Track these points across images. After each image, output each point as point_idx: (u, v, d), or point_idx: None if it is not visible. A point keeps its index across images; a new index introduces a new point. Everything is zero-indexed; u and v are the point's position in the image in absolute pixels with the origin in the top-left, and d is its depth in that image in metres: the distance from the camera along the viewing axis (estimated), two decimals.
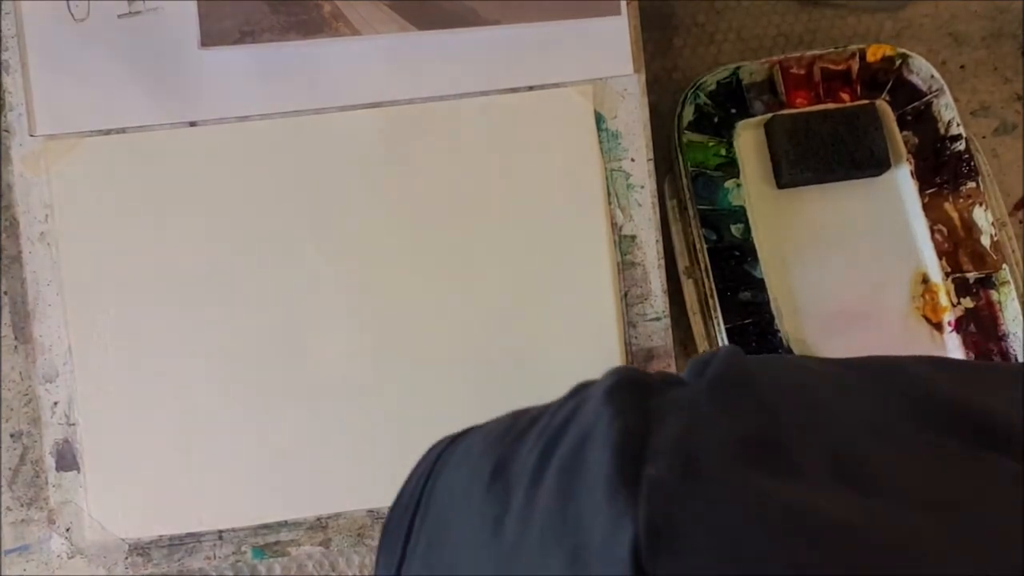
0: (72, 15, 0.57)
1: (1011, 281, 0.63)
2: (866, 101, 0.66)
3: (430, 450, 0.38)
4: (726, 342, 0.60)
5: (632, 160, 0.60)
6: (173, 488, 0.57)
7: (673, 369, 0.60)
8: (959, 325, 0.64)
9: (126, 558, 0.57)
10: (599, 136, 0.60)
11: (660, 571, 0.19)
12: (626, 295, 0.60)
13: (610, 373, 0.29)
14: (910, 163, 0.66)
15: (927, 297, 0.65)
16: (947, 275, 0.65)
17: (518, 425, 0.32)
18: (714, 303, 0.61)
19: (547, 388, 0.59)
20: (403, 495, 0.36)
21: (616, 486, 0.22)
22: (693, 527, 0.20)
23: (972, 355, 0.64)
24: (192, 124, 0.58)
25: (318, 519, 0.58)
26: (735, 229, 0.64)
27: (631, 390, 0.26)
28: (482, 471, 0.29)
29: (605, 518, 0.21)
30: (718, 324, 0.61)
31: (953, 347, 0.64)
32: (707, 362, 0.29)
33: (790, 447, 0.24)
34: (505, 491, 0.26)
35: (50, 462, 0.57)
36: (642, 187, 0.60)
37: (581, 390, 0.31)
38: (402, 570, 0.31)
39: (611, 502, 0.21)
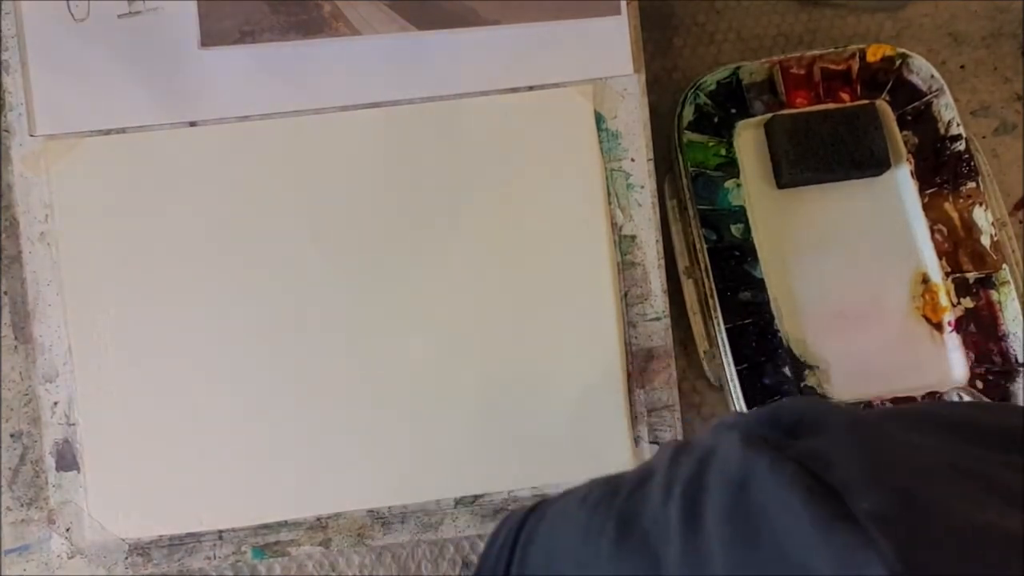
0: (72, 15, 0.57)
1: (1011, 281, 0.63)
2: (866, 101, 0.66)
3: (502, 523, 0.38)
4: (726, 342, 0.60)
5: (632, 160, 0.60)
6: (173, 488, 0.57)
7: (673, 370, 0.60)
8: (959, 325, 0.64)
9: (126, 558, 0.57)
10: (599, 136, 0.60)
11: None
12: (626, 295, 0.60)
13: (724, 426, 0.29)
14: (910, 163, 0.66)
15: (927, 297, 0.65)
16: (947, 275, 0.65)
17: (622, 486, 0.32)
18: (714, 303, 0.61)
19: (547, 387, 0.59)
20: (483, 569, 0.36)
21: (827, 522, 0.22)
22: (943, 556, 0.21)
23: (972, 355, 0.64)
24: (192, 124, 0.58)
25: (318, 519, 0.58)
26: (735, 229, 0.64)
27: (765, 439, 0.27)
28: (602, 529, 0.29)
29: (830, 557, 0.22)
30: (718, 324, 0.61)
31: (953, 347, 0.64)
32: (791, 417, 0.29)
33: (949, 474, 0.25)
34: (645, 545, 0.27)
35: (50, 462, 0.57)
36: (642, 187, 0.60)
37: (683, 449, 0.31)
38: None
39: (829, 540, 0.22)
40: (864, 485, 0.24)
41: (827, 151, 0.64)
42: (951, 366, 0.64)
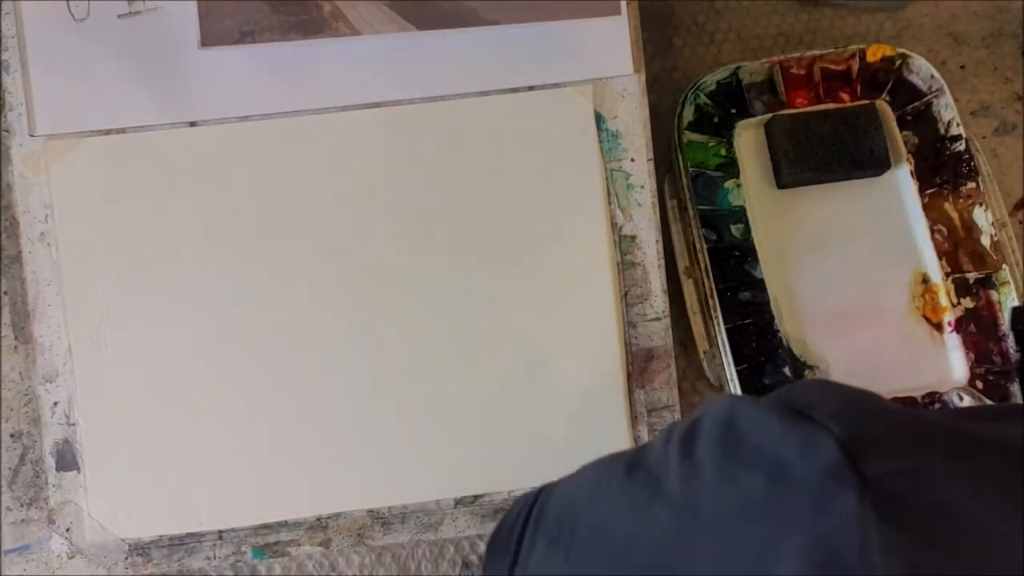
0: (72, 15, 0.57)
1: (1011, 281, 0.63)
2: (866, 101, 0.66)
3: (519, 499, 0.44)
4: (726, 342, 0.60)
5: (632, 160, 0.60)
6: (173, 488, 0.57)
7: (673, 370, 0.60)
8: (959, 325, 0.64)
9: (126, 558, 0.57)
10: (599, 136, 0.60)
11: (869, 455, 0.26)
12: (626, 295, 0.60)
13: (713, 399, 0.36)
14: (910, 163, 0.66)
15: (927, 297, 0.65)
16: (947, 275, 0.65)
17: (626, 452, 0.38)
18: (714, 303, 0.61)
19: (547, 387, 0.59)
20: (506, 521, 0.43)
21: (793, 421, 0.28)
22: (879, 427, 0.28)
23: (972, 355, 0.64)
24: (192, 124, 0.58)
25: (318, 519, 0.58)
26: (735, 229, 0.64)
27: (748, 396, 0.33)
28: (614, 473, 0.35)
29: (790, 442, 0.28)
30: (718, 324, 0.61)
31: (953, 347, 0.64)
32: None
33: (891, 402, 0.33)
34: (649, 475, 0.33)
35: (50, 462, 0.57)
36: (642, 187, 0.60)
37: (676, 422, 0.37)
38: (515, 569, 0.39)
39: (789, 432, 0.28)
40: (823, 401, 0.30)
41: (827, 151, 0.64)
42: (951, 366, 0.64)
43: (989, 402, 0.61)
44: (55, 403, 0.57)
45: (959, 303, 0.64)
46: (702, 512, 0.30)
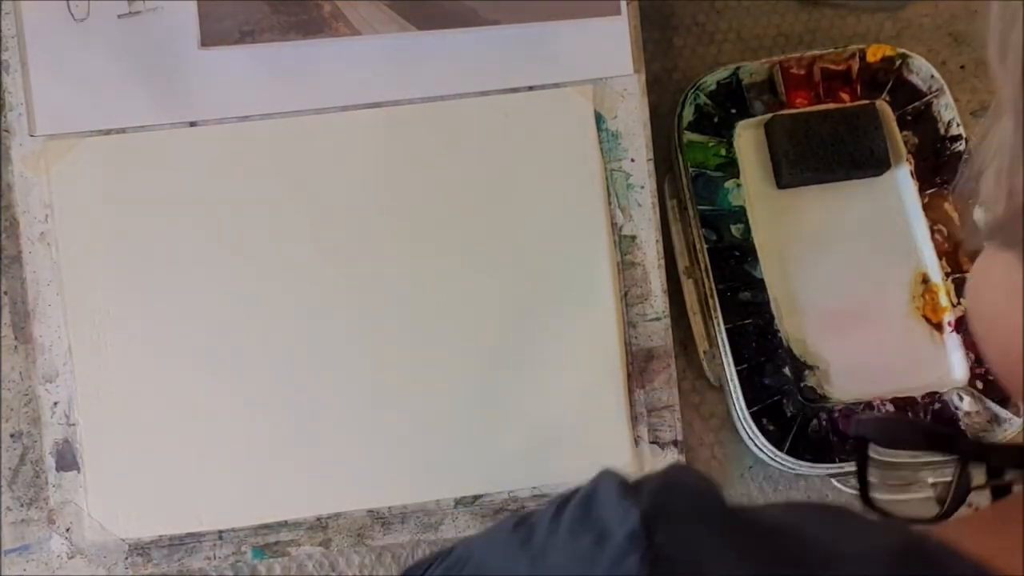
0: (72, 15, 0.57)
1: None
2: (866, 101, 0.66)
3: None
4: (726, 342, 0.60)
5: (632, 160, 0.60)
6: (173, 488, 0.57)
7: (673, 370, 0.60)
8: (959, 325, 0.64)
9: (126, 558, 0.57)
10: (599, 136, 0.60)
11: (661, 527, 0.32)
12: (626, 295, 0.60)
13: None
14: (910, 163, 0.66)
15: (927, 297, 0.65)
16: (947, 275, 0.65)
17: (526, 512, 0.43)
18: (714, 303, 0.61)
19: (547, 387, 0.59)
20: (420, 563, 0.47)
21: (623, 494, 0.35)
22: (679, 507, 0.34)
23: (972, 355, 0.64)
24: (192, 124, 0.58)
25: (318, 519, 0.58)
26: (735, 229, 0.64)
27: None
28: (504, 527, 0.40)
29: (617, 512, 0.34)
30: (718, 324, 0.61)
31: (953, 347, 0.64)
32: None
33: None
34: (528, 529, 0.38)
35: (50, 462, 0.57)
36: (642, 187, 0.60)
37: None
38: None
39: (619, 504, 0.34)
40: (655, 480, 0.36)
41: (827, 151, 0.64)
42: (951, 366, 0.64)
43: (989, 402, 0.61)
44: (55, 403, 0.57)
45: (959, 303, 0.64)
46: (548, 561, 0.36)
